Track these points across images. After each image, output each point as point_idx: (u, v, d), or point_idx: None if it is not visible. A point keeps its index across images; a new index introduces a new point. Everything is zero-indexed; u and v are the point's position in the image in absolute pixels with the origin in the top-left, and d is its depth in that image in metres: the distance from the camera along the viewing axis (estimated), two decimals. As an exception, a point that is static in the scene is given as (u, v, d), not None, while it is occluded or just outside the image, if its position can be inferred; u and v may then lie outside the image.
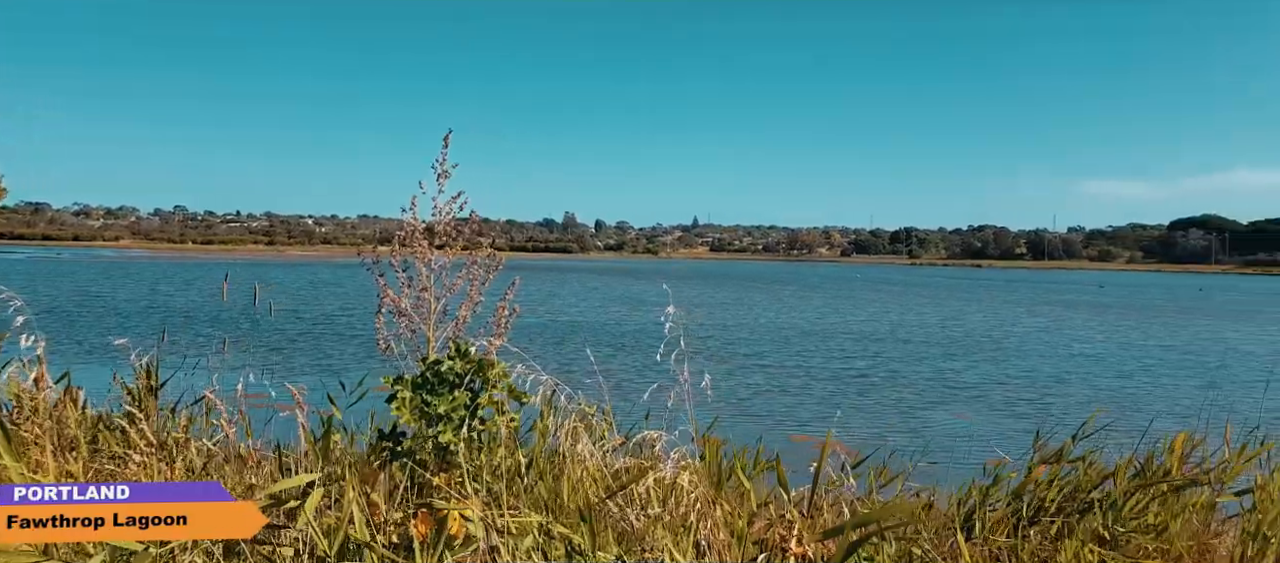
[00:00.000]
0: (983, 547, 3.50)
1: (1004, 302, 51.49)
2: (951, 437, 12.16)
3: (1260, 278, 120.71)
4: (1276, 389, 18.33)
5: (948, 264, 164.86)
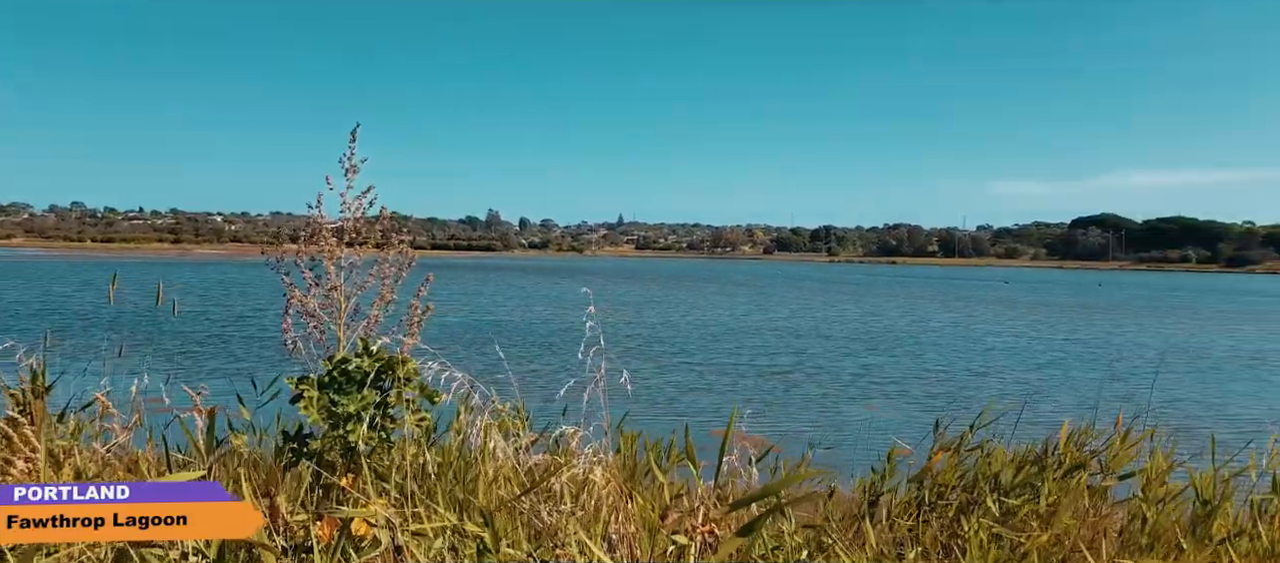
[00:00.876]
0: (888, 532, 3.62)
1: (919, 297, 53.24)
2: (866, 428, 12.52)
3: (1152, 274, 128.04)
4: (1168, 378, 19.50)
5: (864, 261, 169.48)
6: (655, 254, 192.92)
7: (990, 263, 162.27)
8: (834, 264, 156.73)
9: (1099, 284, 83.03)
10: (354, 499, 2.58)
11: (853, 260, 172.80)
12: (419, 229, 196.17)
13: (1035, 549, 3.01)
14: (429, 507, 2.56)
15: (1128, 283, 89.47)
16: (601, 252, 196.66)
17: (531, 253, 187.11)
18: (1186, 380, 19.25)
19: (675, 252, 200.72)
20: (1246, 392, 17.88)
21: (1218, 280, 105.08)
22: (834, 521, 3.82)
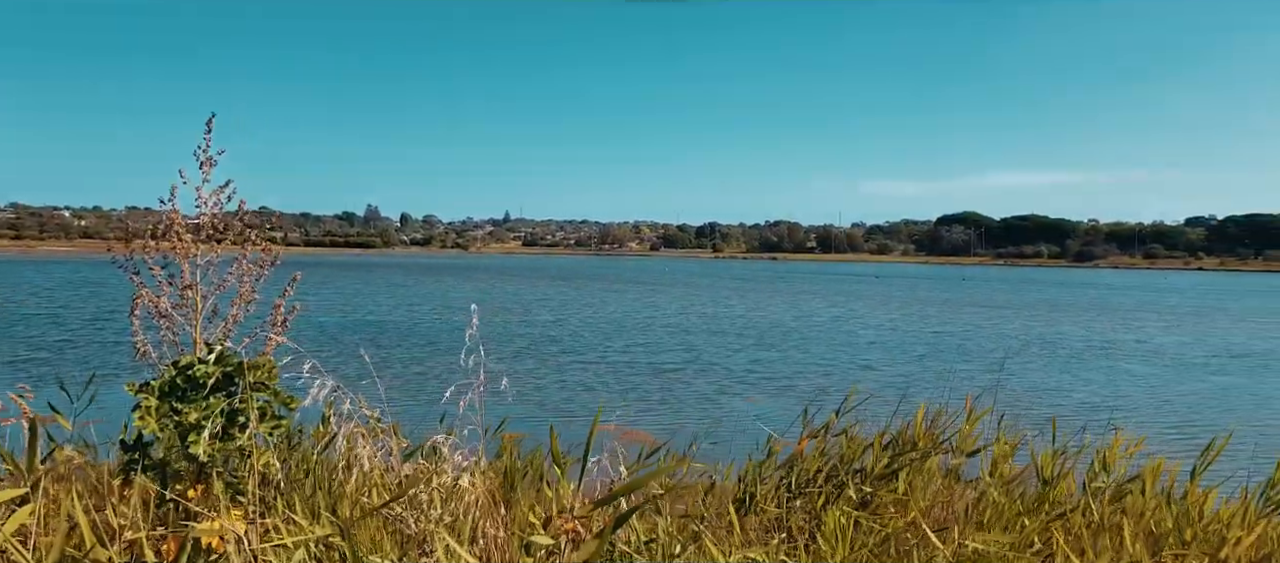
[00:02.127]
0: (758, 519, 3.73)
1: (802, 292, 55.04)
2: (751, 421, 12.83)
3: (1010, 268, 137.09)
4: (1026, 366, 20.91)
5: (747, 257, 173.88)
6: (543, 251, 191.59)
7: (864, 258, 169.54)
8: (719, 260, 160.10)
9: (963, 278, 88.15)
10: (204, 513, 2.44)
11: (736, 256, 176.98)
12: (291, 225, 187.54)
13: (890, 532, 3.16)
14: (287, 518, 2.45)
15: (989, 277, 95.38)
16: (487, 249, 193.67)
17: (414, 250, 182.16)
18: (1042, 368, 20.71)
19: (563, 249, 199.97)
20: (1096, 379, 19.39)
21: (1067, 274, 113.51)
22: (710, 512, 3.91)
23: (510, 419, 4.86)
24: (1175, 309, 44.34)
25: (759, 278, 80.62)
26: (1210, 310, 43.27)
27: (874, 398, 5.01)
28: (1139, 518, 3.46)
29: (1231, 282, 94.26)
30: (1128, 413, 14.60)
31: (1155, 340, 27.77)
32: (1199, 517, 3.48)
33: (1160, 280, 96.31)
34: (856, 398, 4.49)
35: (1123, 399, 16.40)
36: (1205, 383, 18.75)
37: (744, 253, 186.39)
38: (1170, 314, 40.37)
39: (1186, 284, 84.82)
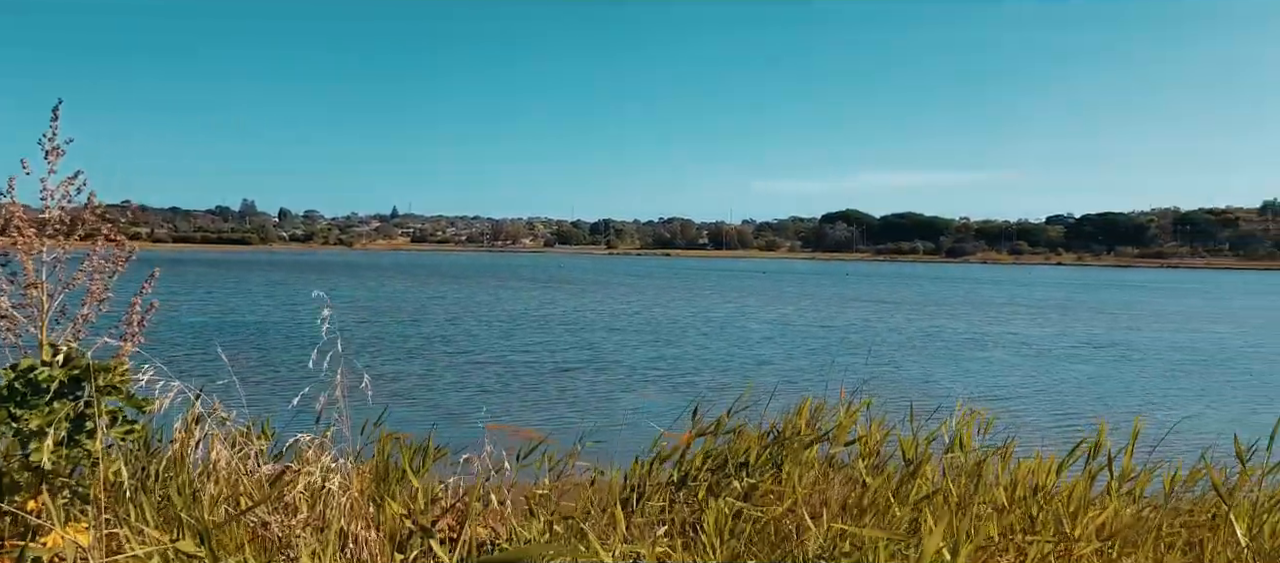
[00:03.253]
0: (644, 515, 3.77)
1: (696, 289, 55.88)
2: (645, 416, 12.93)
3: (889, 263, 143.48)
4: (904, 357, 21.93)
5: (641, 253, 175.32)
6: (433, 248, 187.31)
7: (754, 254, 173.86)
8: (613, 256, 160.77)
9: (847, 274, 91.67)
10: (45, 526, 2.27)
11: (630, 253, 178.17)
12: (158, 220, 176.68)
13: (771, 522, 3.26)
14: (138, 528, 2.30)
15: (871, 272, 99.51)
16: (374, 245, 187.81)
17: (294, 246, 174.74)
18: (922, 360, 21.75)
19: (454, 245, 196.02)
20: (970, 369, 20.51)
21: (942, 269, 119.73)
22: (596, 509, 3.92)
23: (401, 421, 4.74)
24: (1041, 303, 47.45)
25: (654, 274, 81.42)
26: (1074, 305, 46.50)
27: (766, 392, 5.15)
28: (1003, 499, 3.70)
29: (1087, 275, 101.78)
30: (998, 401, 15.52)
31: (1025, 333, 29.65)
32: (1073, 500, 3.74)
33: (1026, 275, 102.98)
34: (749, 393, 4.61)
35: (994, 388, 17.44)
36: (1071, 372, 20.17)
37: (638, 249, 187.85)
38: (1037, 308, 43.17)
39: (1049, 278, 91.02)
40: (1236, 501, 3.79)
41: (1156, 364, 21.37)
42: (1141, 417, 4.59)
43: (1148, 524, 3.80)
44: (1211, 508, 3.85)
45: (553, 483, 3.84)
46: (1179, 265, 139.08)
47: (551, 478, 3.96)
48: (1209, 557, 3.32)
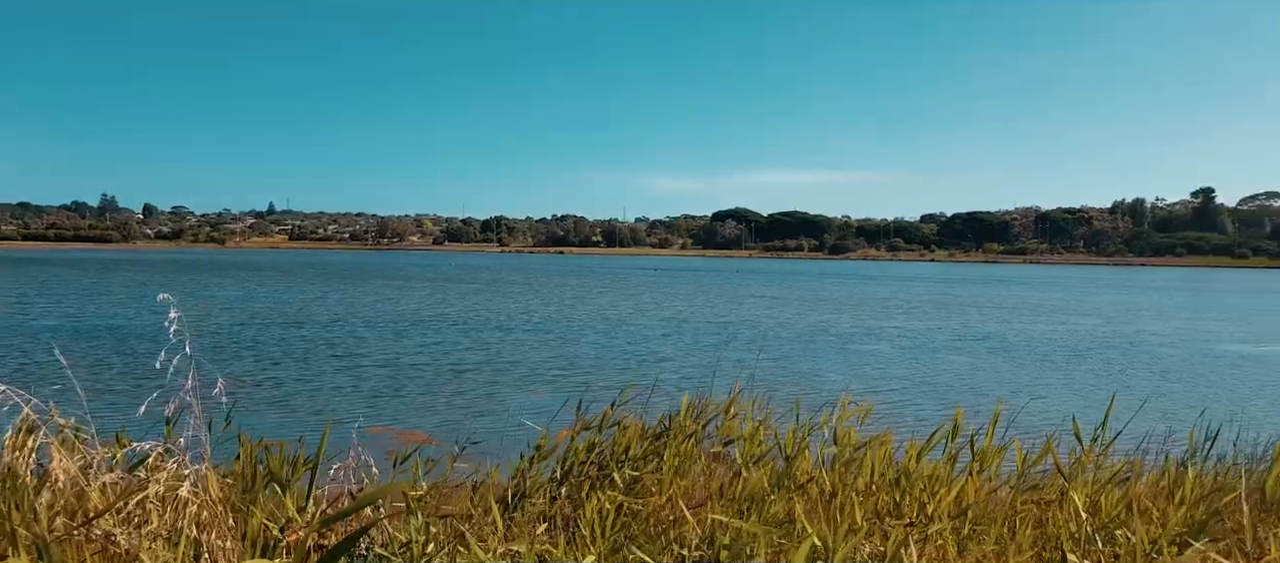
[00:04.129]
0: (526, 513, 3.74)
1: (592, 286, 55.83)
2: (535, 416, 12.82)
3: (777, 260, 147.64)
4: (792, 351, 22.58)
5: (535, 251, 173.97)
6: (313, 245, 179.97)
7: (647, 252, 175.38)
8: (507, 254, 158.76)
9: (737, 270, 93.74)
10: None
11: (524, 250, 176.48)
12: (4, 215, 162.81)
13: (651, 514, 3.30)
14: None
15: (760, 269, 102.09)
16: (248, 243, 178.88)
17: (160, 244, 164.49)
18: (809, 353, 22.45)
19: (337, 243, 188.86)
20: (851, 362, 21.30)
21: (826, 266, 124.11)
22: (477, 509, 3.86)
23: (277, 428, 4.53)
24: (920, 298, 49.85)
25: (549, 272, 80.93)
26: (950, 300, 49.00)
27: (659, 388, 5.20)
28: (866, 485, 3.87)
29: (959, 271, 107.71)
30: (881, 393, 16.21)
31: (907, 327, 31.07)
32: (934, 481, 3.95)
33: (903, 270, 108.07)
34: (641, 388, 4.65)
35: (878, 380, 18.20)
36: (949, 363, 21.25)
37: (531, 247, 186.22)
38: (916, 303, 45.30)
39: (925, 274, 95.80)
40: (1079, 478, 4.09)
41: (1026, 356, 22.79)
42: (1012, 404, 4.90)
43: (1001, 502, 4.06)
44: (1057, 486, 4.14)
45: (433, 486, 3.76)
46: (1039, 261, 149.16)
47: (432, 481, 3.88)
48: (1053, 529, 3.58)
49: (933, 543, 3.28)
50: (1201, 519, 3.76)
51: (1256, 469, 5.35)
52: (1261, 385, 18.35)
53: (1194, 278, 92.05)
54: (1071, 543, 3.09)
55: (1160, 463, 5.74)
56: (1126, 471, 4.81)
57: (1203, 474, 4.92)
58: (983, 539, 3.28)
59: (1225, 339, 28.23)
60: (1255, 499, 4.40)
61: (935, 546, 3.27)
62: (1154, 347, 25.54)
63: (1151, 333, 29.74)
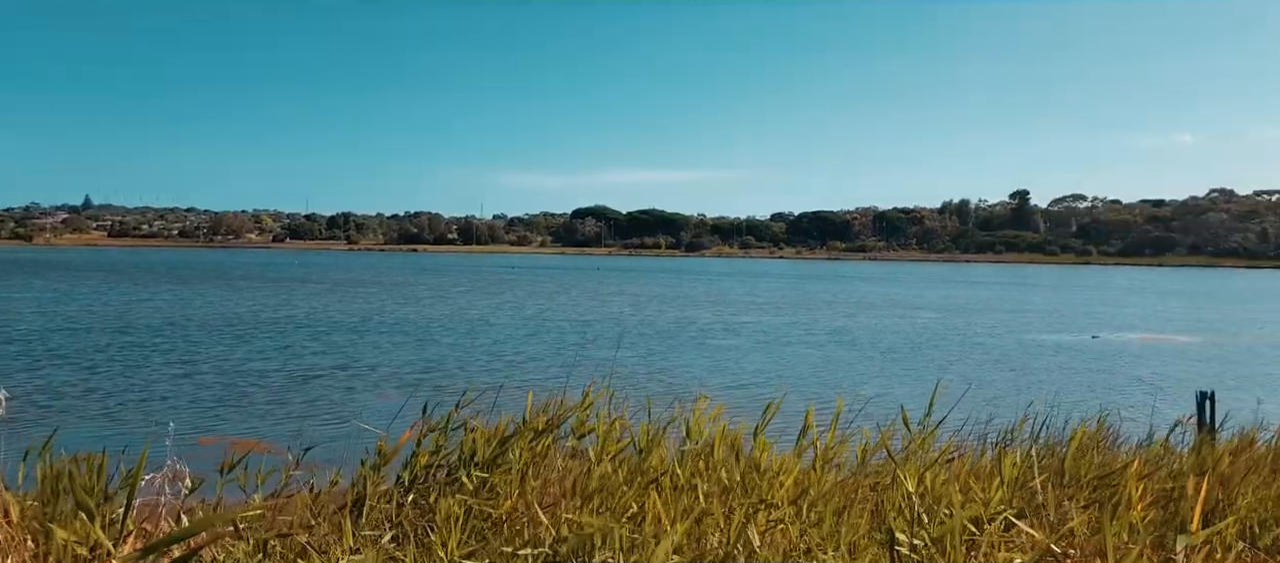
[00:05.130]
0: (369, 523, 3.59)
1: (450, 285, 54.43)
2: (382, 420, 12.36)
3: (636, 258, 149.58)
4: (653, 347, 22.89)
5: (385, 249, 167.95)
6: (136, 242, 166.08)
7: (505, 249, 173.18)
8: (356, 252, 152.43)
9: (598, 268, 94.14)
10: None
11: (374, 248, 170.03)
12: None
13: (504, 515, 3.25)
14: None
15: (620, 266, 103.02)
16: (60, 239, 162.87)
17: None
18: (671, 349, 22.83)
19: (163, 240, 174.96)
20: (709, 356, 21.84)
21: (683, 263, 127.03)
22: (320, 520, 3.67)
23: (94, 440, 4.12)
24: (774, 294, 51.84)
25: (404, 270, 78.42)
26: (802, 296, 51.21)
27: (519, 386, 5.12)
28: (715, 475, 3.97)
29: (807, 268, 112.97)
30: (739, 387, 16.71)
31: (764, 322, 32.21)
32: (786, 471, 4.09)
33: (755, 267, 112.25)
34: (491, 387, 4.55)
35: (736, 374, 18.76)
36: (803, 356, 22.18)
37: (382, 244, 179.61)
38: (771, 300, 47.04)
39: (776, 270, 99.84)
40: (910, 462, 4.38)
41: (871, 348, 24.14)
42: (858, 393, 5.16)
43: (841, 487, 4.28)
44: (891, 469, 4.41)
45: (267, 499, 3.54)
46: (877, 258, 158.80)
47: (266, 493, 3.65)
48: (887, 510, 3.80)
49: (776, 529, 3.41)
50: (1016, 496, 4.11)
51: (1063, 449, 5.90)
52: (1071, 372, 20.30)
53: (1011, 273, 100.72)
54: (901, 522, 3.29)
55: (983, 445, 6.24)
56: (951, 453, 5.19)
57: (1018, 455, 5.38)
58: (822, 521, 3.44)
59: (1039, 330, 31.05)
60: (1059, 476, 4.85)
61: (779, 530, 3.40)
62: (980, 338, 27.74)
63: (978, 325, 32.26)
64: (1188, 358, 23.68)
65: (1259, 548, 3.70)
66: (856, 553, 3.37)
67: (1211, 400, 8.36)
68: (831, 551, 3.25)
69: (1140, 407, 13.48)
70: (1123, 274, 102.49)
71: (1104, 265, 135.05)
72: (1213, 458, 5.74)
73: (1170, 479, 4.88)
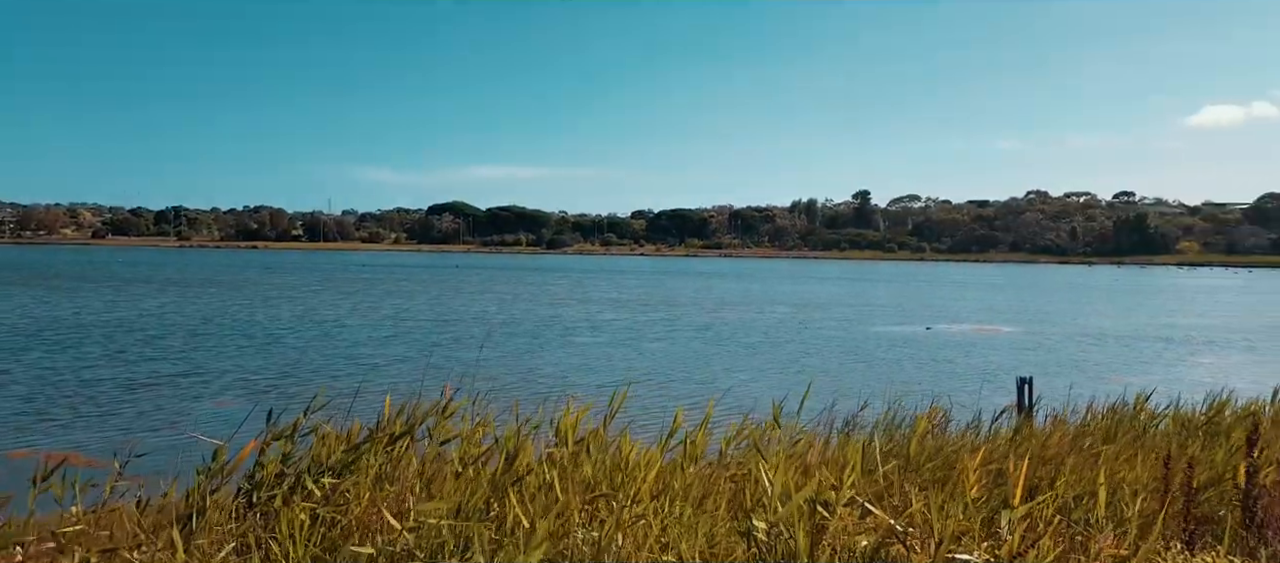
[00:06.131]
0: (210, 534, 3.34)
1: (300, 286, 51.61)
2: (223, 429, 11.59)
3: (495, 255, 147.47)
4: (519, 346, 22.58)
5: (222, 246, 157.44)
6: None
7: (356, 247, 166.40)
8: (188, 249, 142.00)
9: (457, 266, 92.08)
10: None
11: (208, 245, 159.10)
12: None
13: (354, 522, 3.10)
14: None
15: (480, 264, 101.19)
16: None
17: None
18: (538, 349, 22.59)
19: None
20: (584, 357, 21.78)
21: (544, 260, 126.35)
22: (148, 536, 3.38)
23: None
24: (636, 291, 52.43)
25: (250, 268, 73.79)
26: (666, 294, 51.97)
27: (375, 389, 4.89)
28: (579, 472, 3.96)
29: (667, 264, 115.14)
30: (608, 385, 16.76)
31: (630, 319, 32.45)
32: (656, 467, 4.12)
33: (617, 264, 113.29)
34: (344, 393, 4.33)
35: (599, 371, 18.80)
36: (672, 352, 22.49)
37: (218, 241, 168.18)
38: (633, 296, 47.51)
39: (638, 267, 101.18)
40: (768, 452, 4.53)
41: (733, 343, 24.78)
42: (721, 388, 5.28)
43: (704, 478, 4.37)
44: (749, 459, 4.56)
45: (88, 512, 3.23)
46: (733, 254, 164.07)
47: (87, 506, 3.33)
48: (747, 501, 3.93)
49: (638, 523, 3.44)
50: (863, 481, 4.34)
51: (904, 434, 6.30)
52: (910, 362, 21.69)
53: (855, 269, 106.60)
54: (759, 510, 3.40)
55: (830, 433, 6.57)
56: (805, 442, 5.43)
57: (865, 442, 5.69)
58: (683, 514, 3.51)
59: (882, 323, 33.00)
60: (902, 461, 5.17)
61: (640, 524, 3.43)
62: (831, 331, 29.16)
63: (830, 320, 33.90)
64: (1011, 347, 25.85)
65: (1072, 521, 4.08)
66: (715, 542, 3.46)
67: (1030, 386, 9.16)
68: (689, 542, 3.31)
69: (970, 393, 14.59)
70: (952, 270, 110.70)
71: (936, 262, 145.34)
72: (1033, 439, 6.29)
73: (997, 460, 5.30)
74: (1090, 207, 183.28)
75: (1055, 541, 3.13)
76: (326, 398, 4.25)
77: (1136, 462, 5.50)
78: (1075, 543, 3.51)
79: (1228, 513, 4.41)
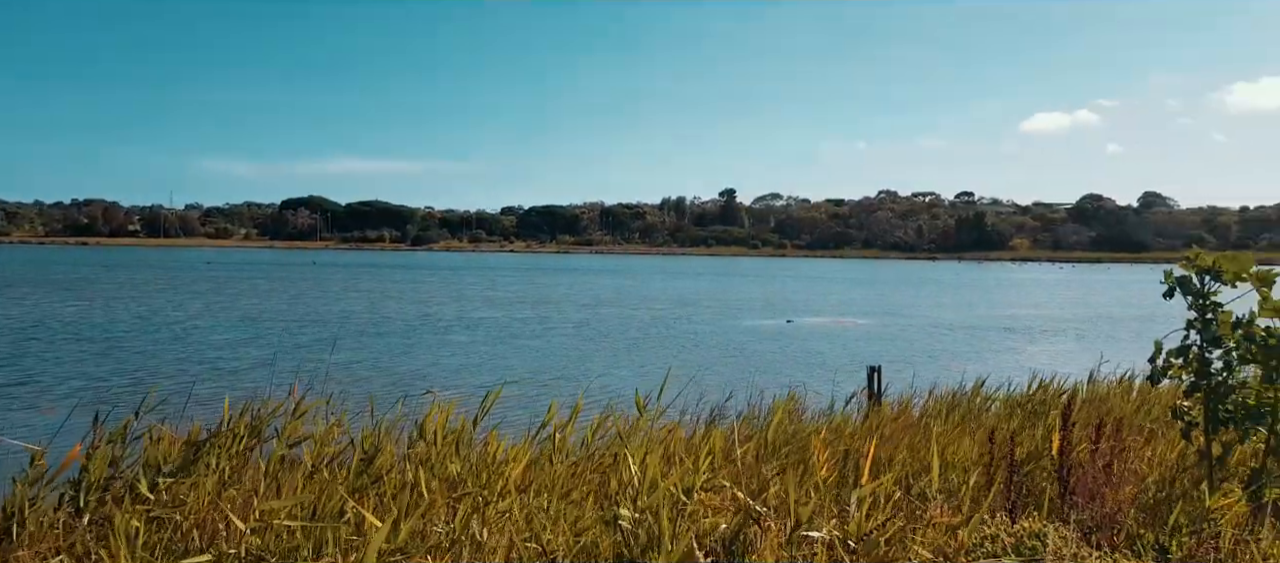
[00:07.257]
0: (33, 547, 3.07)
1: (140, 285, 47.81)
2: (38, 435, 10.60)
3: (357, 252, 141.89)
4: (374, 345, 21.79)
5: (46, 242, 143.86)
6: None
7: (201, 243, 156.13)
8: (5, 246, 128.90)
9: (314, 263, 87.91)
10: None
11: (30, 241, 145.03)
12: None
13: (193, 527, 2.94)
14: None
15: (339, 261, 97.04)
16: None
17: None
18: (405, 347, 21.89)
19: None
20: (434, 352, 21.27)
21: (409, 257, 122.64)
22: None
23: None
24: (509, 288, 51.72)
25: (82, 265, 67.83)
26: (540, 292, 51.48)
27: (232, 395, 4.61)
28: (441, 469, 3.90)
29: (538, 261, 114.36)
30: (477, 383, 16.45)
31: (502, 318, 31.95)
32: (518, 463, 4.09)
33: (487, 261, 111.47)
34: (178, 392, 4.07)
35: (471, 369, 18.45)
36: (548, 348, 22.30)
37: (42, 237, 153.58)
38: (506, 295, 46.87)
39: (509, 264, 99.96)
40: (633, 442, 4.61)
41: (602, 340, 24.85)
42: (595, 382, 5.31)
43: (571, 470, 4.41)
44: (614, 449, 4.62)
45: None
46: (604, 250, 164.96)
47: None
48: (612, 490, 3.99)
49: (504, 517, 3.44)
50: (723, 465, 4.49)
51: (763, 421, 6.55)
52: (771, 353, 22.51)
53: (722, 265, 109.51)
54: (625, 498, 3.46)
55: (697, 421, 6.75)
56: (669, 431, 5.55)
57: (725, 429, 5.89)
58: (549, 506, 3.53)
59: (747, 317, 34.07)
60: (760, 446, 5.38)
61: (506, 518, 3.43)
62: (699, 325, 29.84)
63: (699, 315, 34.65)
64: (865, 338, 27.30)
65: (912, 496, 4.38)
66: (581, 531, 3.49)
67: (878, 373, 9.71)
68: (554, 532, 3.34)
69: (825, 381, 15.32)
70: (810, 265, 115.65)
71: (796, 258, 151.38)
72: (879, 422, 6.69)
73: (847, 442, 5.61)
74: (935, 206, 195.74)
75: (895, 513, 3.35)
76: (160, 396, 4.00)
77: (967, 439, 5.96)
78: (914, 515, 3.76)
79: (1047, 484, 4.86)
